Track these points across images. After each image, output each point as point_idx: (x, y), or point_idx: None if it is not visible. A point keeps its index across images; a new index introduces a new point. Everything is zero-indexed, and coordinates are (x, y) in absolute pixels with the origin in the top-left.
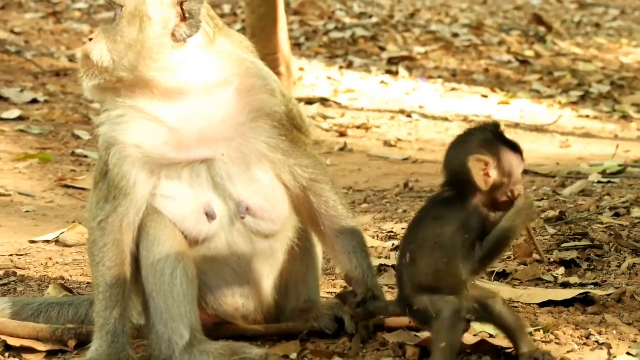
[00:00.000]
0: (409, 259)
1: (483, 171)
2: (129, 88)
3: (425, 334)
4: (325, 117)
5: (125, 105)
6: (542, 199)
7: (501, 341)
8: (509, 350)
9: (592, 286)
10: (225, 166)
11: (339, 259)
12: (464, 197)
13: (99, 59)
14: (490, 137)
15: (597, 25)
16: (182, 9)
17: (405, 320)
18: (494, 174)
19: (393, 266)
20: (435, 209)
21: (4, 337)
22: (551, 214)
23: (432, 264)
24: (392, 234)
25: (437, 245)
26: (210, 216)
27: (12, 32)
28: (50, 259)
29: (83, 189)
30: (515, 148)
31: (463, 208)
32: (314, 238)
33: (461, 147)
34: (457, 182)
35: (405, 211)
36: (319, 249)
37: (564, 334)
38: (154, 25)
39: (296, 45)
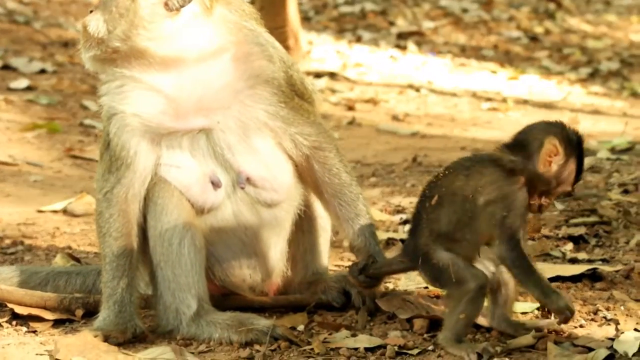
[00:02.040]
0: (435, 201)
1: (550, 157)
2: (125, 58)
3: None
4: (333, 91)
5: (124, 76)
6: None
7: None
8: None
9: (600, 262)
10: (224, 135)
11: (342, 227)
12: (516, 169)
13: (95, 30)
14: (574, 140)
15: (607, 3)
16: None
17: None
18: (555, 167)
19: (401, 240)
20: (482, 164)
21: (11, 306)
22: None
23: (459, 212)
24: (400, 208)
25: (472, 198)
26: (215, 184)
27: (20, 2)
28: (58, 228)
29: (91, 159)
30: (582, 161)
31: (510, 180)
32: (322, 210)
33: (549, 128)
34: (520, 151)
35: (413, 185)
36: (327, 221)
37: None
38: (144, 3)
39: (305, 19)
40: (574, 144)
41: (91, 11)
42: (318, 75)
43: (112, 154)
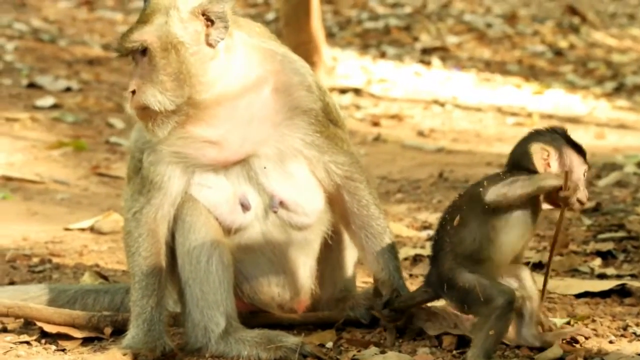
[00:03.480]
0: (457, 222)
1: (544, 160)
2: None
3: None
4: (358, 107)
5: None
6: None
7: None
8: None
9: (629, 277)
10: (260, 161)
11: (367, 259)
12: None
13: (160, 106)
14: (556, 135)
15: (632, 17)
16: (204, 15)
17: None
18: (554, 165)
19: (429, 256)
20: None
21: (40, 324)
22: (587, 205)
23: (483, 227)
24: (426, 224)
25: (494, 211)
26: (245, 207)
27: (45, 20)
28: (85, 246)
29: (117, 177)
30: (579, 149)
31: None
32: None
33: (529, 137)
34: (518, 169)
35: (439, 201)
36: None
37: (601, 325)
38: (188, 47)
39: (329, 35)
40: (558, 136)
41: (133, 91)
42: (343, 91)
43: (144, 178)
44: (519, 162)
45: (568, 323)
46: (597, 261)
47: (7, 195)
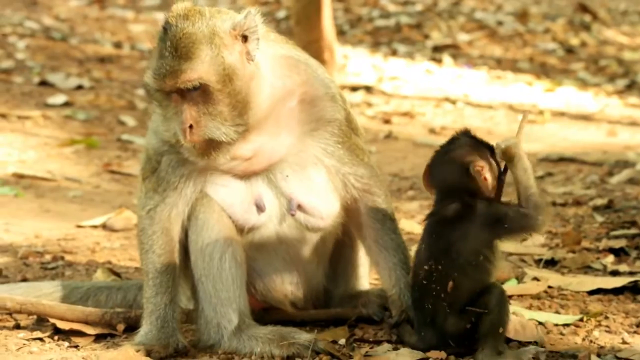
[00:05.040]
0: (450, 286)
1: (482, 175)
2: None
3: None
4: (369, 105)
5: None
6: (590, 188)
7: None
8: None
9: None
10: (280, 166)
11: (380, 273)
12: (469, 206)
13: (226, 137)
14: (470, 142)
15: None
16: (239, 33)
17: None
18: (489, 177)
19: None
20: (452, 230)
21: (53, 321)
22: (599, 202)
23: (477, 278)
24: None
25: (478, 261)
26: (259, 208)
27: (57, 18)
28: (98, 243)
29: (129, 174)
30: (489, 147)
31: (474, 214)
32: None
33: (449, 160)
34: (456, 194)
35: None
36: None
37: (614, 321)
38: (239, 73)
39: (340, 33)
40: (473, 143)
41: (190, 126)
42: (354, 88)
43: (160, 178)
44: (455, 190)
45: (581, 320)
46: (610, 258)
47: (20, 192)
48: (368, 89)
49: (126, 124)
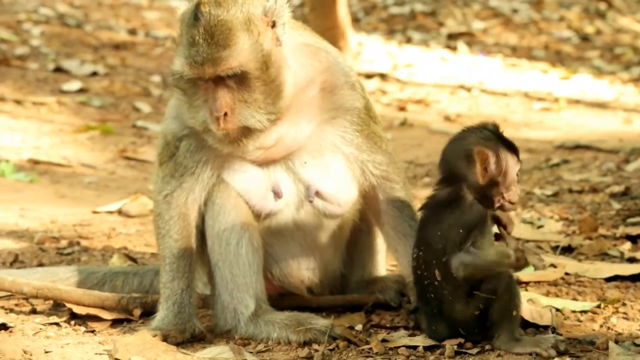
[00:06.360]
0: (437, 275)
1: (483, 165)
2: None
3: None
4: (384, 92)
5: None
6: (606, 175)
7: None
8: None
9: None
10: (299, 153)
11: (398, 260)
12: (459, 194)
13: (260, 125)
14: (489, 134)
15: None
16: (269, 18)
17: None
18: (491, 169)
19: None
20: (436, 217)
21: (69, 306)
22: (616, 189)
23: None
24: None
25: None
26: (277, 194)
27: (71, 5)
28: (114, 229)
29: (144, 160)
30: (512, 148)
31: (462, 205)
32: None
33: (461, 142)
34: (453, 179)
35: None
36: None
37: (632, 308)
38: (273, 58)
39: (355, 20)
40: (491, 136)
41: (225, 115)
42: (369, 76)
43: (177, 163)
44: (453, 175)
45: (598, 307)
46: (627, 245)
47: (35, 178)
48: (383, 76)
49: (141, 111)
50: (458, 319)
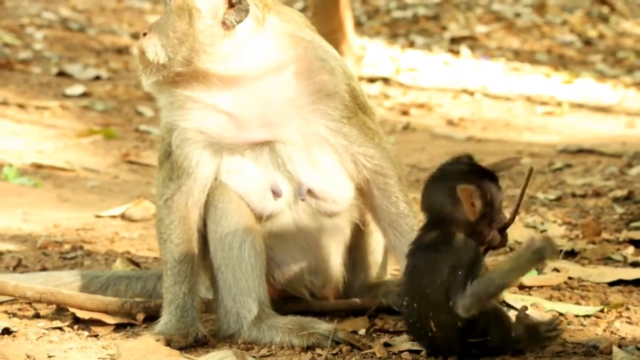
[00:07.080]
0: (433, 326)
1: (469, 201)
2: (186, 80)
3: None
4: (387, 96)
5: (184, 96)
6: (609, 179)
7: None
8: None
9: None
10: (286, 148)
11: (396, 257)
12: (448, 236)
13: (154, 56)
14: (466, 168)
15: None
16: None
17: None
18: (478, 204)
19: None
20: (425, 262)
21: (72, 310)
22: (619, 193)
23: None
24: None
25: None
26: (276, 193)
27: (74, 9)
28: (117, 233)
29: (147, 164)
30: (492, 177)
31: (451, 248)
32: None
33: (440, 182)
34: (440, 220)
35: None
36: None
37: (635, 313)
38: (203, 17)
39: (358, 24)
40: (469, 169)
41: (145, 34)
42: (371, 80)
43: (173, 163)
44: (440, 216)
45: (602, 311)
46: (630, 249)
47: (38, 182)
48: (385, 80)
49: (144, 115)
50: (457, 350)
